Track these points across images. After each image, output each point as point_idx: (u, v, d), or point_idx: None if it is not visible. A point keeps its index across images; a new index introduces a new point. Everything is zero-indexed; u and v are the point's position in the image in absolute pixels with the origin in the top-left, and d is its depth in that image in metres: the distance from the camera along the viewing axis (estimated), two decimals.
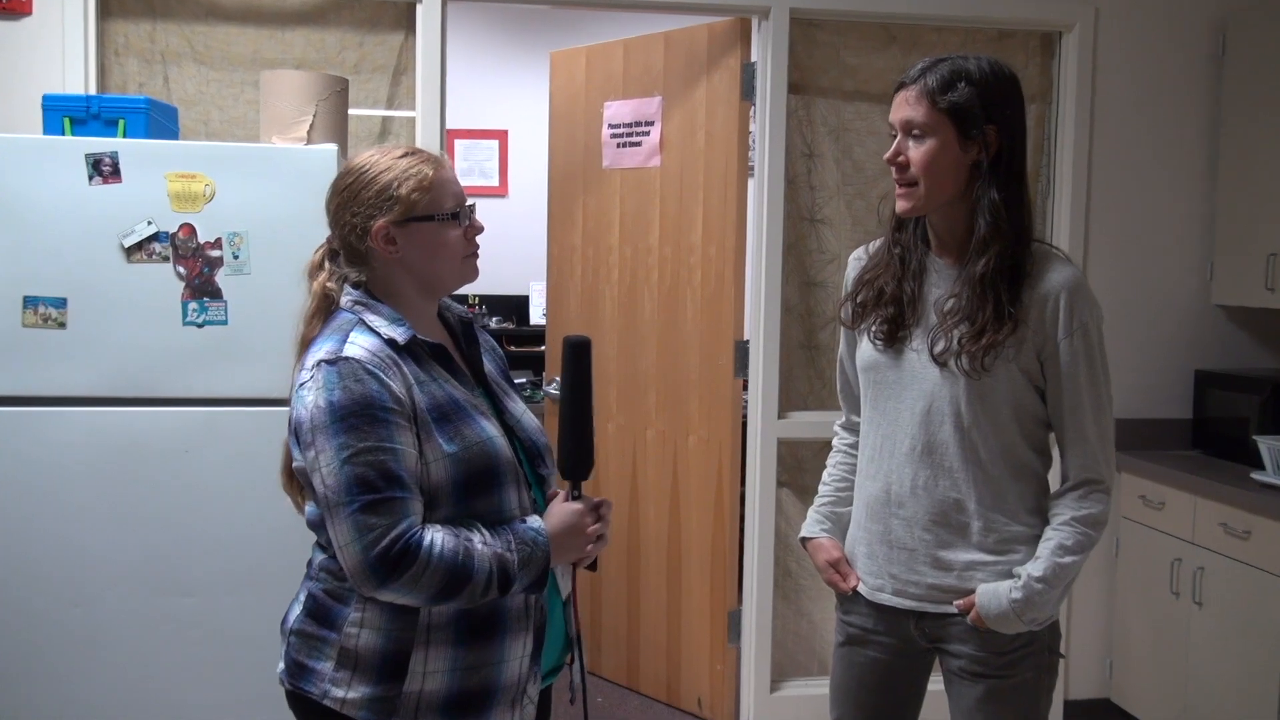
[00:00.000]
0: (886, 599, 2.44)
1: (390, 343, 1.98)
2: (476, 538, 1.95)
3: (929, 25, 4.27)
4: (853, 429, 2.67)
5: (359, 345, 1.95)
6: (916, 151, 2.27)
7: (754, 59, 4.24)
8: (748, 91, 4.22)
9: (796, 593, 4.42)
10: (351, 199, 2.04)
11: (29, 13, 3.81)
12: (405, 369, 1.97)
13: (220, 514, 3.25)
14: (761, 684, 4.33)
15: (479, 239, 2.14)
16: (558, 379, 4.77)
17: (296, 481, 2.12)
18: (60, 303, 3.15)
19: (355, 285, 2.09)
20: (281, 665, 2.09)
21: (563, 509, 2.10)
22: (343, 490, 1.87)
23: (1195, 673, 3.98)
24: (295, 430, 1.96)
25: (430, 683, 1.97)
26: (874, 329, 2.41)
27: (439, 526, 1.93)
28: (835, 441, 2.72)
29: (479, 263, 2.16)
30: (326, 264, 2.12)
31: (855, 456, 2.62)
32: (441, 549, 1.89)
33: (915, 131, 2.27)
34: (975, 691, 2.36)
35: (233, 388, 3.22)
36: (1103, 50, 4.35)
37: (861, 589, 2.49)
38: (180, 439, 3.22)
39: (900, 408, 2.38)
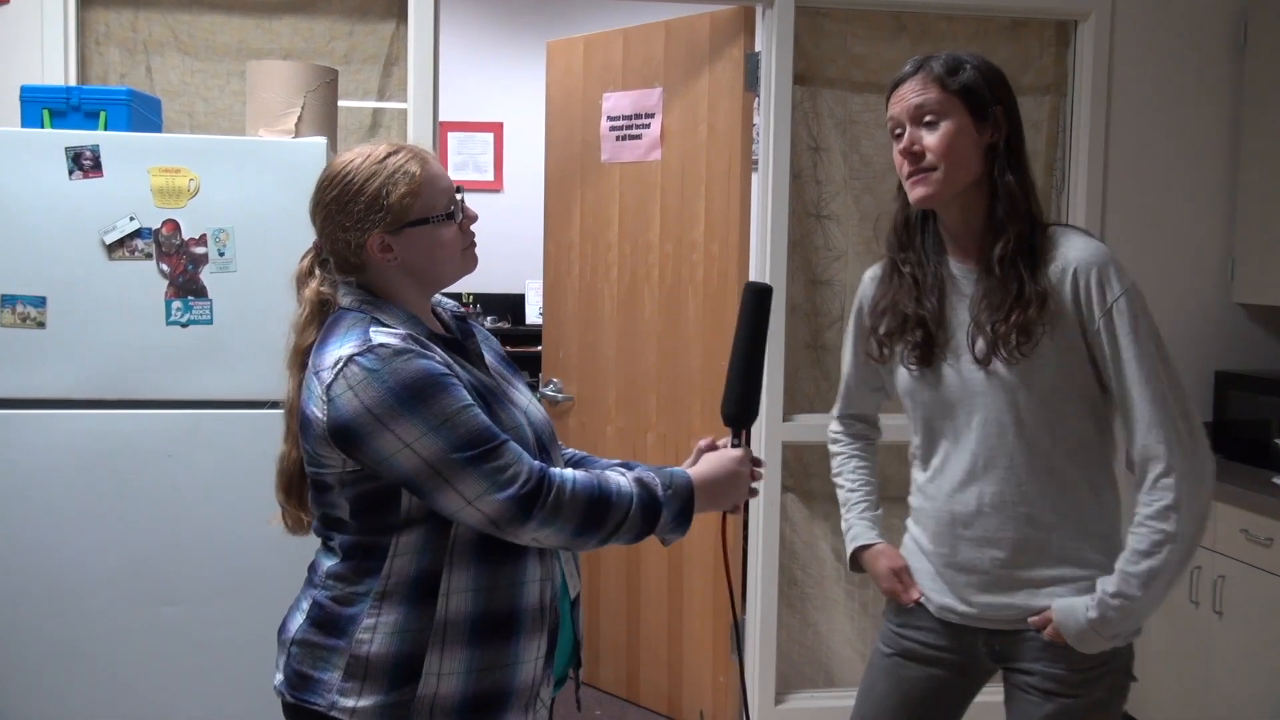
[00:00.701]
0: (955, 620, 2.36)
1: (410, 338, 1.92)
2: (610, 471, 1.99)
3: (939, 14, 4.19)
4: (852, 424, 2.67)
5: (385, 334, 1.89)
6: (932, 137, 2.20)
7: (758, 49, 4.16)
8: (751, 82, 4.14)
9: (802, 602, 4.33)
10: (339, 212, 1.96)
11: (7, 1, 3.72)
12: (437, 353, 1.94)
13: (205, 520, 3.21)
14: (766, 697, 4.25)
15: (474, 226, 2.09)
16: (556, 380, 4.73)
17: (295, 496, 2.07)
18: (39, 301, 3.12)
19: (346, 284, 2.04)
20: (280, 677, 2.02)
21: (722, 454, 2.11)
22: (451, 451, 1.83)
23: (1216, 684, 3.90)
24: (335, 433, 1.87)
25: (445, 685, 1.92)
26: (906, 356, 2.33)
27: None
28: (839, 446, 2.68)
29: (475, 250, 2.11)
30: (317, 270, 2.05)
31: (869, 454, 2.65)
32: (575, 478, 1.91)
33: (928, 118, 2.21)
34: (1044, 710, 2.26)
35: (218, 389, 3.19)
36: (1119, 40, 4.27)
37: (926, 604, 2.40)
38: (164, 442, 3.18)
39: (956, 425, 2.30)
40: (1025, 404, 2.20)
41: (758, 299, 2.14)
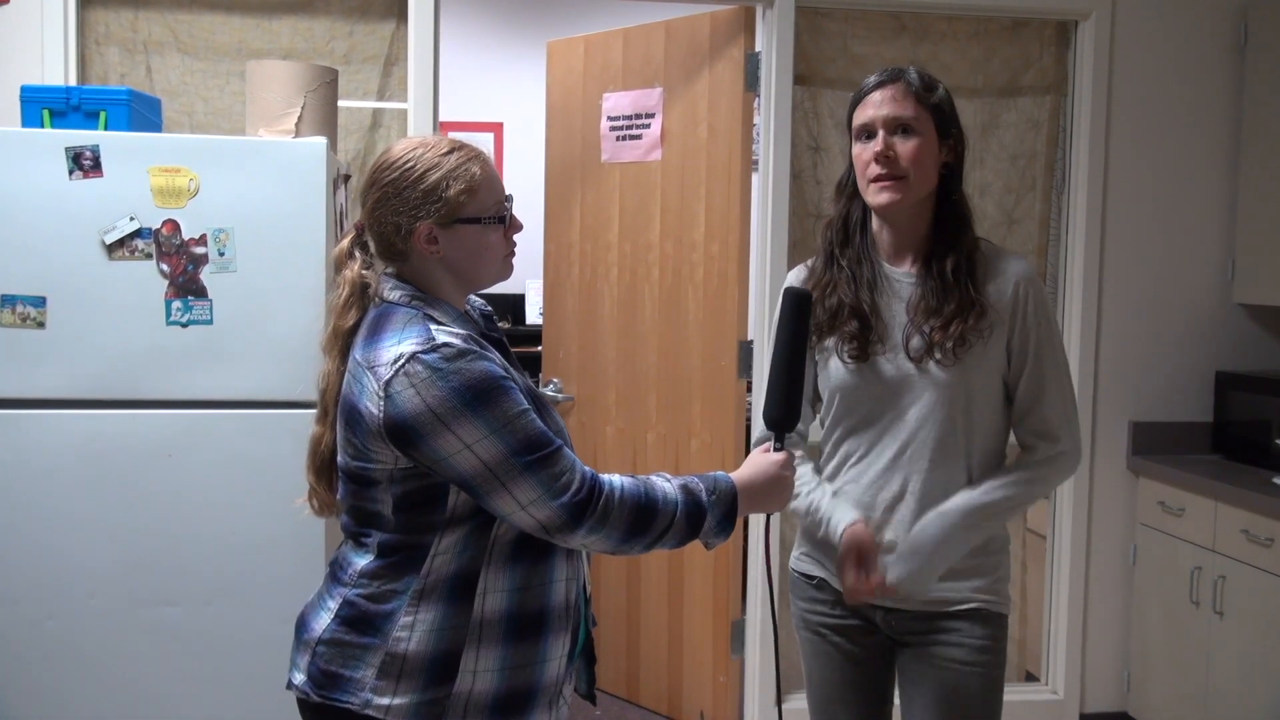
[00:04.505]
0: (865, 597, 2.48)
1: (470, 338, 1.94)
2: (655, 477, 1.99)
3: (940, 14, 4.18)
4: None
5: (446, 333, 1.91)
6: (905, 146, 2.32)
7: (758, 49, 4.15)
8: (752, 82, 4.13)
9: None
10: (394, 195, 1.99)
11: (7, 1, 3.70)
12: (495, 354, 1.96)
13: (205, 520, 3.18)
14: (766, 697, 4.23)
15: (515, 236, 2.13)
16: (555, 380, 4.71)
17: (325, 479, 2.08)
18: (39, 301, 3.09)
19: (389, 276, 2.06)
20: (302, 677, 2.00)
21: (764, 458, 2.13)
22: (511, 455, 1.86)
23: (1216, 685, 3.88)
24: (392, 430, 1.87)
25: (480, 682, 1.95)
26: (843, 349, 2.42)
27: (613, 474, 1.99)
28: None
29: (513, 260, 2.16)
30: (357, 253, 2.06)
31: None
32: (623, 484, 1.94)
33: (904, 128, 2.33)
34: (941, 685, 2.40)
35: (218, 390, 3.16)
36: (1120, 40, 4.26)
37: (834, 582, 2.50)
38: (163, 443, 3.15)
39: (888, 416, 2.41)
40: (954, 399, 2.35)
41: (796, 304, 2.18)
